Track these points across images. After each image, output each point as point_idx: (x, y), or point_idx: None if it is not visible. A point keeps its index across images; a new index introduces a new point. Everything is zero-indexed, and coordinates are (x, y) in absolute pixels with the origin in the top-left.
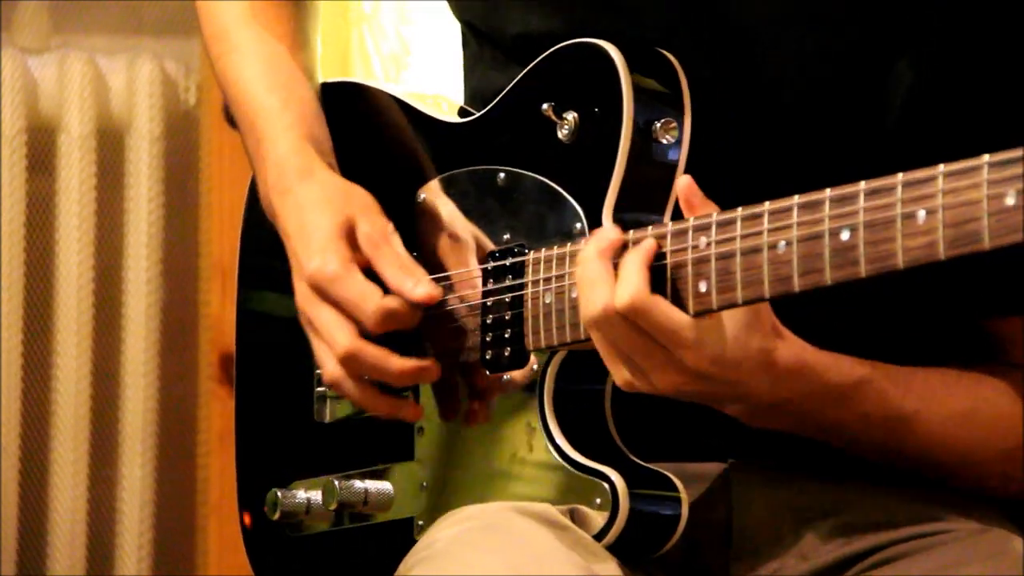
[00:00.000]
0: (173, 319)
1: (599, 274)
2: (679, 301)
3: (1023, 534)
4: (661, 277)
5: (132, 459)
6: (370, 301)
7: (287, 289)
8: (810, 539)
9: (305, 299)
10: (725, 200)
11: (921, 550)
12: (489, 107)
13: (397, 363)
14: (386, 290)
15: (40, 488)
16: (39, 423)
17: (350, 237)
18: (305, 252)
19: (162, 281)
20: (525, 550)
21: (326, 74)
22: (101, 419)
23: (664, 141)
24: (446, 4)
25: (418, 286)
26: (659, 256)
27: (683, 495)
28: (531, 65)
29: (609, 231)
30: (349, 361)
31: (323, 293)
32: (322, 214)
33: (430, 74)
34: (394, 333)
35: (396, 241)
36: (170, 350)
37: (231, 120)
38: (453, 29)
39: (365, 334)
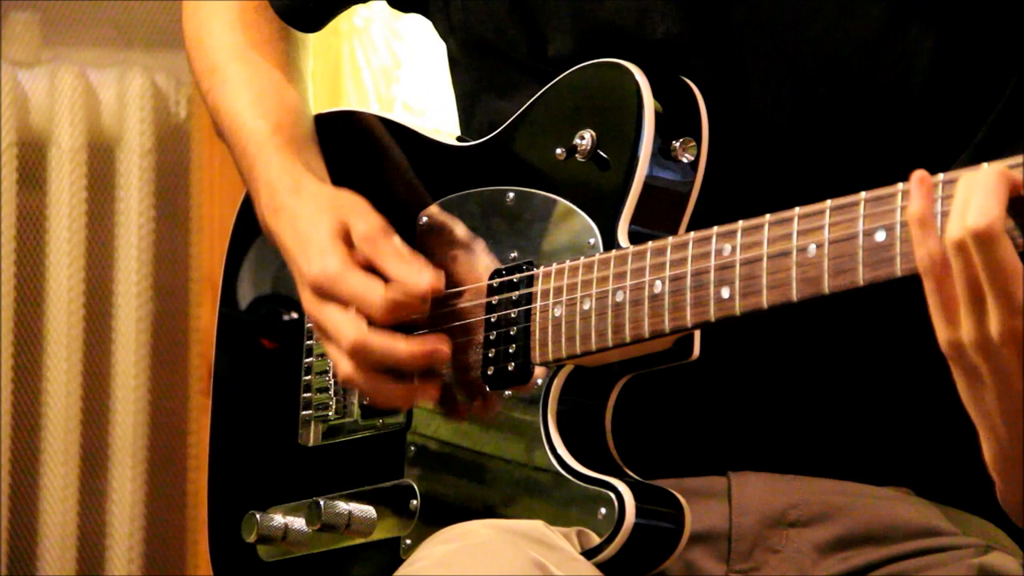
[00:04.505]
0: (163, 333)
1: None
2: (699, 308)
3: (1021, 545)
4: (680, 285)
5: (122, 472)
6: (375, 293)
7: (272, 311)
8: (808, 555)
9: (311, 304)
10: (744, 182)
11: (921, 569)
12: (501, 128)
13: (404, 347)
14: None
15: (30, 501)
16: (29, 436)
17: (346, 238)
18: (305, 259)
19: (152, 294)
20: (505, 572)
21: (317, 86)
22: (91, 433)
23: (684, 159)
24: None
25: (421, 275)
26: (678, 263)
27: (686, 512)
28: (548, 85)
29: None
30: (358, 352)
31: (327, 294)
32: (316, 222)
33: (421, 88)
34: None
35: (393, 236)
36: (160, 364)
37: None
38: (443, 45)
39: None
